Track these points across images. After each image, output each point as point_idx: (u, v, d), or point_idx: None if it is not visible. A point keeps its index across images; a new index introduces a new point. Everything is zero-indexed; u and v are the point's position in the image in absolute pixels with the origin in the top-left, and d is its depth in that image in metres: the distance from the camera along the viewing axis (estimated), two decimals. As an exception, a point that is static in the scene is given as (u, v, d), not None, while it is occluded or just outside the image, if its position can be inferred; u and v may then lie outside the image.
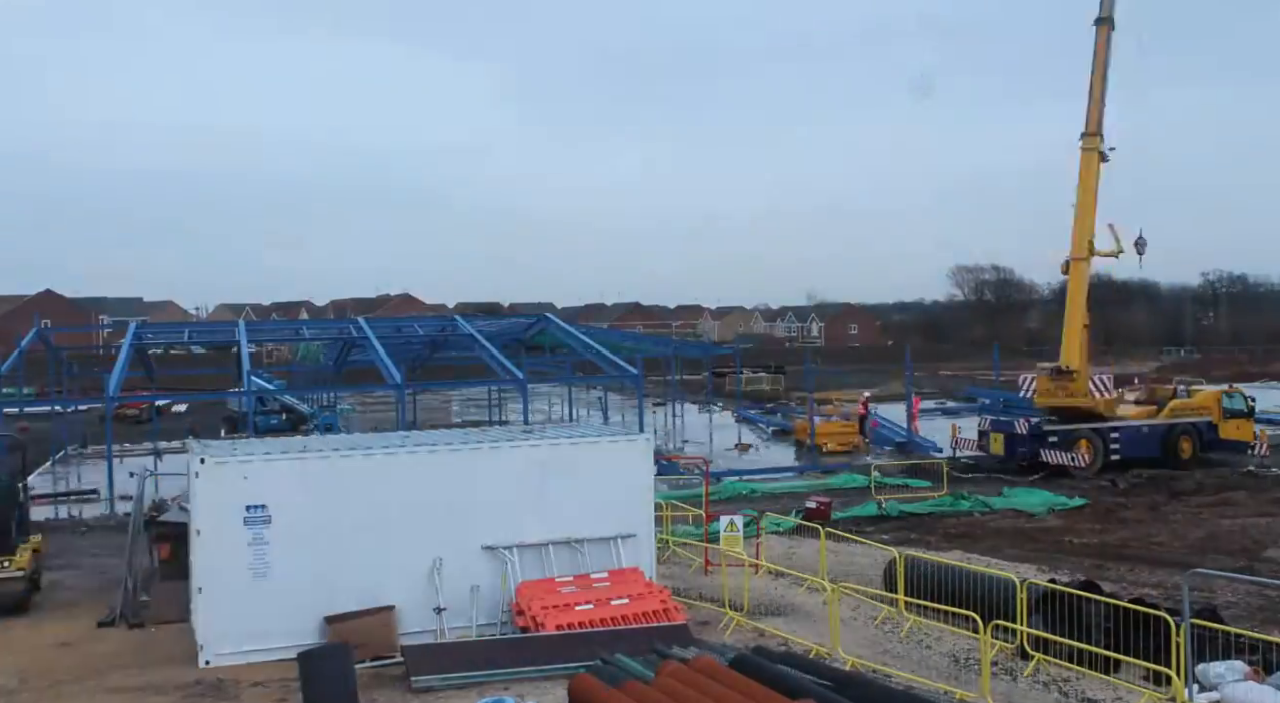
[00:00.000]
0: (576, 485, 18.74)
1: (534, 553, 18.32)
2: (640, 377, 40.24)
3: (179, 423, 58.93)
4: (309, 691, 13.69)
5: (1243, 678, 14.03)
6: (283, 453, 17.96)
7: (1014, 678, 15.51)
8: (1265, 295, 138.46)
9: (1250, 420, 38.79)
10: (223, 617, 16.71)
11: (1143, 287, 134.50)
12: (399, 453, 18.29)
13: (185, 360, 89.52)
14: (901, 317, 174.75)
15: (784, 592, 20.62)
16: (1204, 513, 29.42)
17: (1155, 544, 25.61)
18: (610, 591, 17.84)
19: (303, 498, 17.24)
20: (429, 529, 17.74)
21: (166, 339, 57.81)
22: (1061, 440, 36.30)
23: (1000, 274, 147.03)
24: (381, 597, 17.26)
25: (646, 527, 19.32)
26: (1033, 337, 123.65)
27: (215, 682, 15.93)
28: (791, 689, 12.80)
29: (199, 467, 16.86)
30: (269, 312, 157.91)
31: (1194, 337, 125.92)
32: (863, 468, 37.58)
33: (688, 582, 21.57)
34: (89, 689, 15.75)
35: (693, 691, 13.07)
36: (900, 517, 29.30)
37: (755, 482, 35.41)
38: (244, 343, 41.06)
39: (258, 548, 16.93)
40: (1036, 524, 28.28)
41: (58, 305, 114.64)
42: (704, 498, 25.32)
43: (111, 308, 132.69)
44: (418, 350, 53.42)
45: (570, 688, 13.71)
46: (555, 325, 47.58)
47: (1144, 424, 37.67)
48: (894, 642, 17.41)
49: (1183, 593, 14.24)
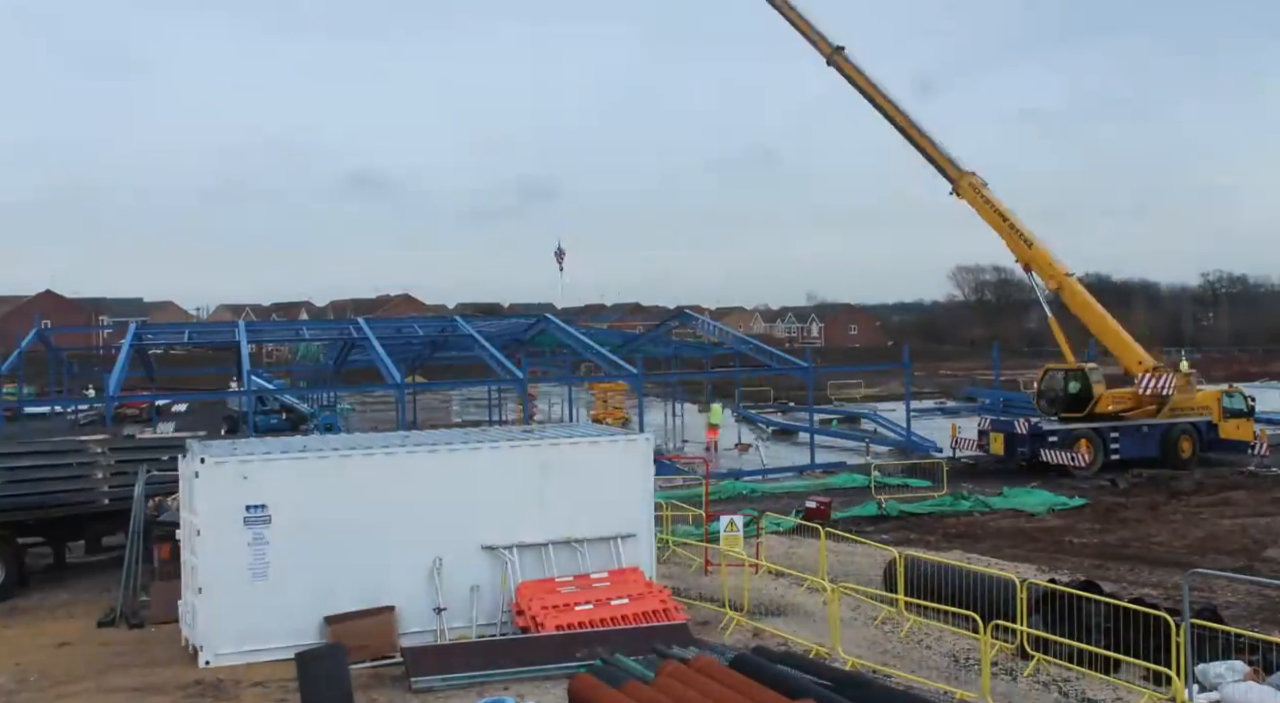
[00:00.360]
0: (576, 486, 18.74)
1: (534, 553, 18.32)
2: (640, 377, 40.25)
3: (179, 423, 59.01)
4: (305, 691, 13.70)
5: (1243, 678, 14.03)
6: (283, 453, 17.95)
7: (1014, 678, 15.50)
8: (1265, 295, 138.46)
9: (1250, 420, 38.77)
10: (222, 617, 16.71)
11: (1143, 286, 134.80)
12: (399, 453, 18.28)
13: (185, 360, 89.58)
14: (901, 317, 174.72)
15: (784, 592, 20.62)
16: (1204, 513, 29.40)
17: (1155, 544, 25.60)
18: (610, 591, 17.84)
19: (303, 498, 17.23)
20: (429, 529, 17.73)
21: (166, 339, 57.86)
22: (1061, 440, 36.30)
23: (1000, 274, 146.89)
24: (381, 597, 17.25)
25: (646, 527, 19.31)
26: (1033, 337, 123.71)
27: (215, 682, 15.92)
28: (791, 689, 12.80)
29: (199, 467, 16.86)
30: (269, 312, 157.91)
31: (1194, 337, 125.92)
32: (863, 468, 37.63)
33: (688, 582, 21.56)
34: (89, 689, 15.74)
35: (693, 691, 13.07)
36: (900, 517, 29.29)
37: (755, 482, 35.42)
38: (244, 343, 41.11)
39: (257, 548, 16.92)
40: (1036, 524, 28.27)
41: (58, 305, 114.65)
42: (704, 498, 25.32)
43: (111, 308, 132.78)
44: (418, 350, 53.46)
45: (570, 688, 13.70)
46: (555, 325, 47.58)
47: (1144, 424, 37.68)
48: (894, 642, 17.40)
49: (1183, 593, 14.24)
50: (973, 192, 39.86)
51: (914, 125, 40.68)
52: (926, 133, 40.66)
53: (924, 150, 40.70)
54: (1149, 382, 37.34)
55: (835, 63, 41.39)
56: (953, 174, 40.17)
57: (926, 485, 33.63)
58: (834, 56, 41.32)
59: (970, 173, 40.02)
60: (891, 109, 40.85)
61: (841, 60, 41.23)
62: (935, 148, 40.50)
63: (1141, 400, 37.62)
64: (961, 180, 39.99)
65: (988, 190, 39.91)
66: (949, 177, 40.32)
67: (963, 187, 40.01)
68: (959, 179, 40.05)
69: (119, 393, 36.57)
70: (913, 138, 40.77)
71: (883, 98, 40.94)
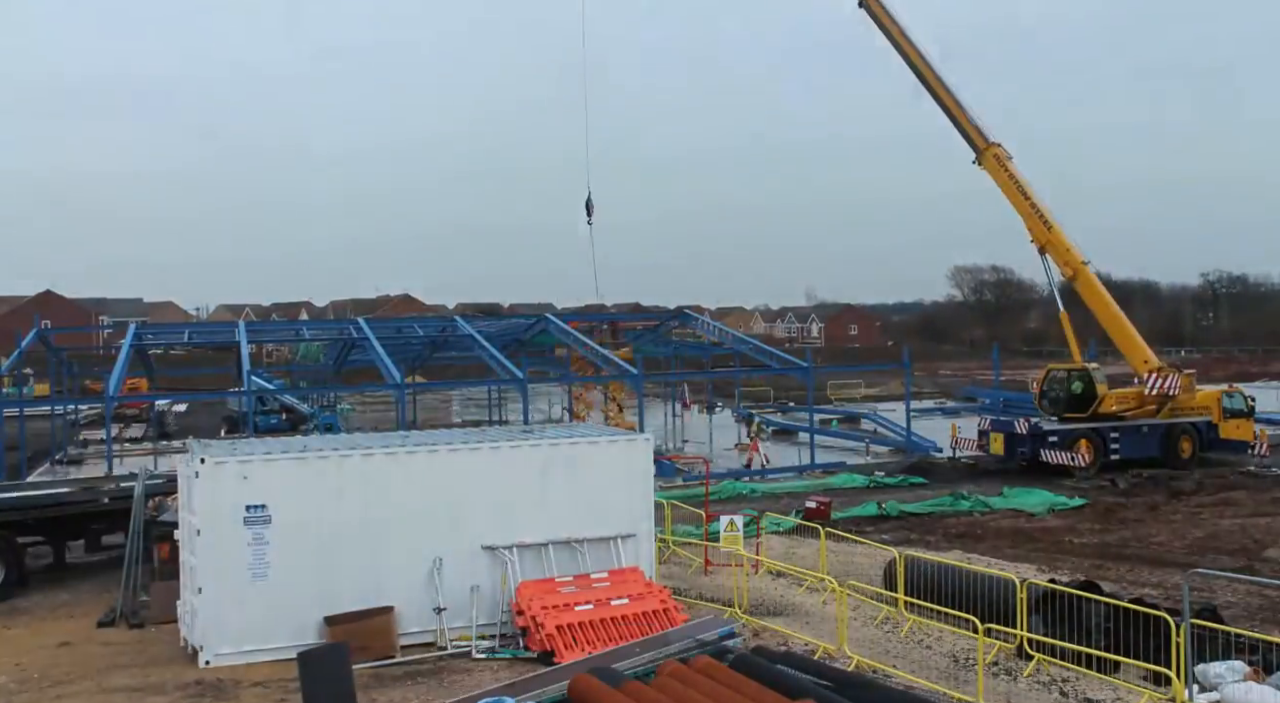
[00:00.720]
0: (576, 486, 18.75)
1: (534, 553, 18.32)
2: (640, 377, 40.25)
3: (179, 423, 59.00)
4: (306, 691, 13.69)
5: (1243, 678, 14.03)
6: (283, 453, 17.95)
7: (1014, 678, 15.49)
8: (1265, 295, 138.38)
9: (1250, 420, 38.78)
10: (223, 617, 16.71)
11: (1143, 286, 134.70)
12: (399, 453, 18.28)
13: (185, 360, 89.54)
14: (901, 317, 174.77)
15: (784, 592, 20.61)
16: (1204, 513, 29.41)
17: (1155, 544, 25.61)
18: (610, 591, 17.82)
19: (303, 498, 17.23)
20: (429, 529, 17.74)
21: (166, 339, 57.84)
22: (1061, 440, 36.30)
23: (1000, 274, 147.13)
24: (381, 597, 17.25)
25: (646, 527, 19.31)
26: (1032, 337, 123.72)
27: (215, 682, 15.92)
28: (791, 689, 12.82)
29: (199, 467, 16.86)
30: (269, 312, 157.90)
31: (1194, 337, 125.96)
32: (863, 468, 37.63)
33: (688, 582, 21.56)
34: (89, 689, 15.73)
35: (693, 691, 13.08)
36: (900, 517, 29.29)
37: (755, 482, 35.41)
38: (244, 343, 41.09)
39: (257, 548, 16.92)
40: (1036, 524, 28.27)
41: (58, 305, 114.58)
42: (704, 498, 25.32)
43: (111, 308, 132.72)
44: (418, 350, 53.44)
45: (570, 688, 13.71)
46: (555, 325, 47.56)
47: (1144, 424, 37.68)
48: (894, 642, 17.38)
49: (1183, 593, 14.24)
50: (996, 163, 38.71)
51: (942, 83, 39.16)
52: (954, 93, 39.21)
53: (951, 113, 39.25)
54: (1155, 381, 37.27)
55: (866, 3, 39.50)
56: (979, 143, 38.92)
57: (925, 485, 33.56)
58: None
59: (996, 144, 38.79)
60: (920, 62, 39.12)
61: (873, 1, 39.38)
62: (963, 112, 39.07)
63: (1145, 400, 37.56)
64: (987, 151, 38.79)
65: (1012, 164, 38.76)
66: (974, 146, 39.06)
67: (987, 157, 38.82)
68: (984, 149, 38.82)
69: (119, 393, 36.56)
70: (940, 98, 39.30)
71: (912, 48, 39.19)
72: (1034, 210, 38.51)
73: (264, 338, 70.00)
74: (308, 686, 13.57)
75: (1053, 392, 39.10)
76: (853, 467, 37.93)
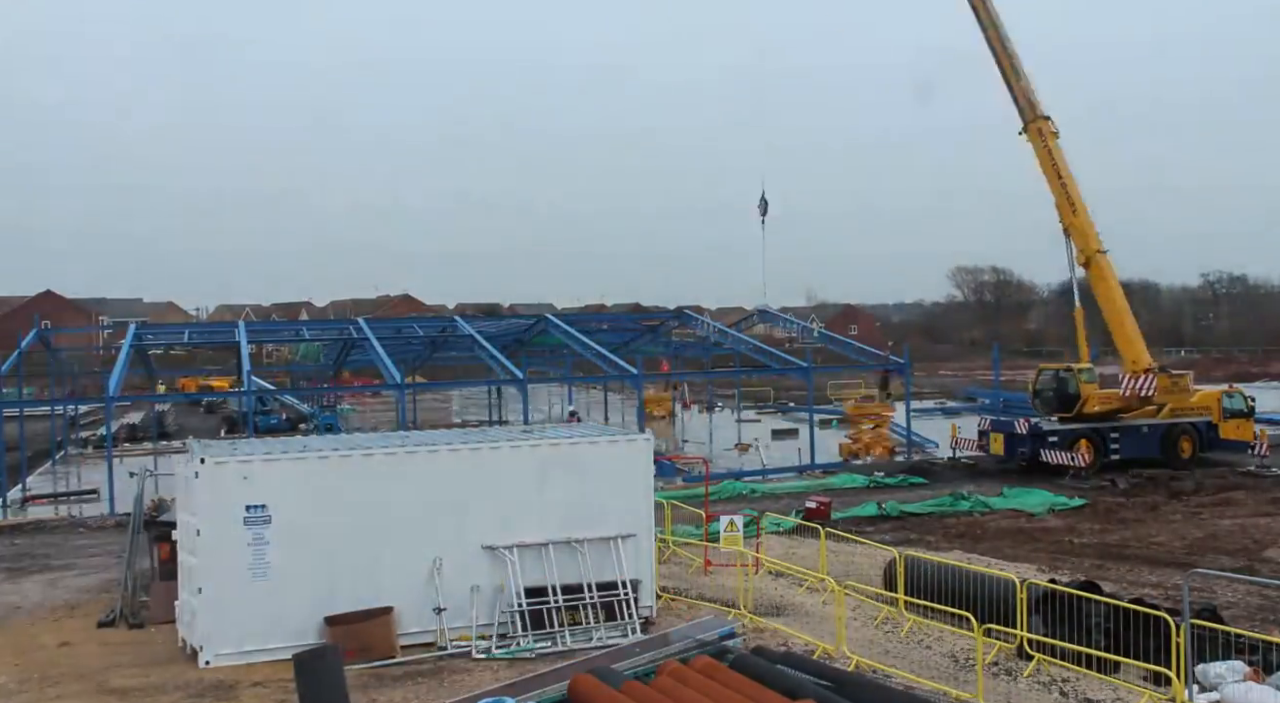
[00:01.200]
0: (576, 486, 18.73)
1: (534, 553, 18.31)
2: (640, 377, 40.27)
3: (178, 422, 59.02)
4: (302, 692, 13.70)
5: (1243, 678, 14.04)
6: (283, 453, 17.95)
7: (1014, 678, 15.50)
8: (1265, 295, 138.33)
9: (1250, 420, 38.79)
10: (223, 617, 16.71)
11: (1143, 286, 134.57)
12: (399, 453, 18.27)
13: (185, 361, 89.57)
14: (901, 317, 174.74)
15: (784, 592, 20.61)
16: (1204, 513, 29.41)
17: (1155, 544, 25.60)
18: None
19: (303, 498, 17.23)
20: (429, 529, 17.74)
21: (166, 339, 57.84)
22: (1061, 440, 36.31)
23: (1000, 274, 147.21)
24: (381, 597, 17.25)
25: (646, 527, 19.30)
26: (1032, 337, 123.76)
27: (215, 682, 15.93)
28: (791, 689, 12.82)
29: (199, 467, 16.86)
30: (269, 312, 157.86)
31: (1194, 337, 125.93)
32: (863, 468, 37.64)
33: (688, 582, 21.56)
34: (89, 689, 15.74)
35: (693, 691, 13.08)
36: (900, 517, 29.29)
37: (755, 482, 35.41)
38: (244, 343, 41.09)
39: (257, 548, 16.92)
40: (1036, 524, 28.27)
41: (58, 305, 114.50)
42: (704, 498, 25.32)
43: (111, 308, 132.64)
44: (418, 350, 53.46)
45: (570, 688, 13.71)
46: (555, 325, 47.58)
47: (1144, 424, 37.69)
48: (894, 642, 17.38)
49: (1183, 593, 14.24)
50: (1039, 137, 38.11)
51: (1006, 48, 38.44)
52: (1015, 59, 38.51)
53: (1007, 77, 38.59)
54: (1129, 383, 37.20)
55: None
56: (1028, 114, 38.29)
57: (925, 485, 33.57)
58: None
59: (1045, 117, 38.23)
60: (991, 23, 38.44)
61: None
62: (1019, 78, 38.39)
63: (1129, 401, 37.45)
64: (1034, 123, 38.21)
65: (1055, 142, 38.22)
66: (1023, 115, 38.39)
67: (1031, 129, 38.28)
68: (1032, 121, 38.23)
69: (119, 393, 36.57)
70: (1001, 62, 38.62)
71: (985, 7, 38.50)
72: (1064, 191, 38.06)
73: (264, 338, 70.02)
74: (304, 687, 13.58)
75: (1044, 391, 39.21)
76: (853, 467, 37.91)
